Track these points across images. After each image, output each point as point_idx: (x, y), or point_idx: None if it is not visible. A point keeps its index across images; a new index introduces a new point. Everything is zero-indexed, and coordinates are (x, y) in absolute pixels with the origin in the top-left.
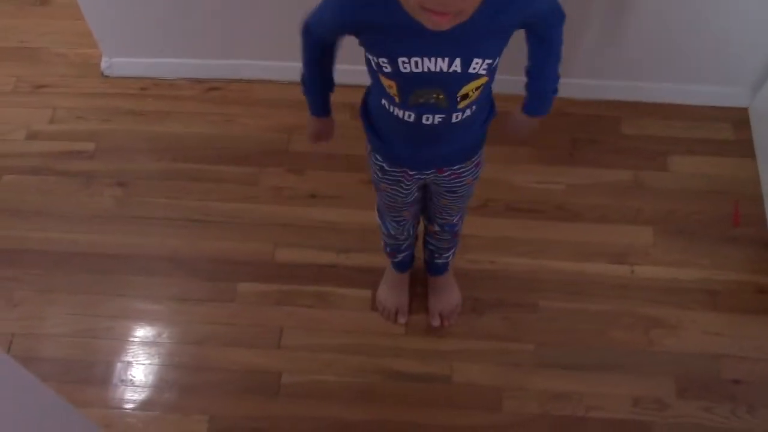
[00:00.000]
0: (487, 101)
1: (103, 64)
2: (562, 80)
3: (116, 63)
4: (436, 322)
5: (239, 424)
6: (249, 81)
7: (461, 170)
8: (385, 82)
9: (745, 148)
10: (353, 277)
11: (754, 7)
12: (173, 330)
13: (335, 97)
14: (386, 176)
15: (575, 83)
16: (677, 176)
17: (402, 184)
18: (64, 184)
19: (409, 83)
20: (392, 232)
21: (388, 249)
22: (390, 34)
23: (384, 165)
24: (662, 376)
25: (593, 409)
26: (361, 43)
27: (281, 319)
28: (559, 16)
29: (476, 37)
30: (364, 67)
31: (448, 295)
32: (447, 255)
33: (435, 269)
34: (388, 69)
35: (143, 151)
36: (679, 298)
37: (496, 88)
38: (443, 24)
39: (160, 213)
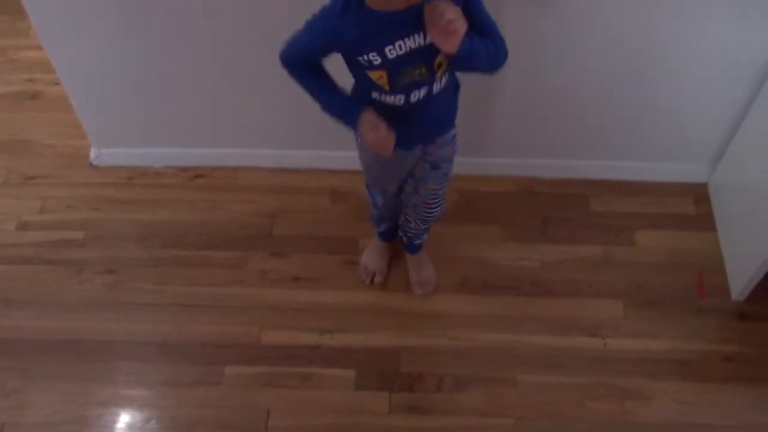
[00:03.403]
0: (452, 72)
1: (92, 155)
2: (533, 161)
3: (104, 153)
4: (419, 291)
5: None
6: (233, 168)
7: (442, 142)
8: (374, 74)
9: (706, 221)
10: (337, 357)
11: (707, 88)
12: (162, 415)
13: (312, 182)
14: (378, 160)
15: (544, 163)
16: (644, 250)
17: (391, 165)
18: (55, 272)
19: (397, 66)
20: (378, 203)
21: (374, 218)
22: (372, 34)
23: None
24: None
25: None
26: (349, 53)
27: (268, 401)
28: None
29: None
30: (342, 153)
31: (425, 268)
32: (423, 236)
33: (414, 249)
34: (378, 61)
35: (132, 238)
36: (650, 368)
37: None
38: None
39: (149, 299)
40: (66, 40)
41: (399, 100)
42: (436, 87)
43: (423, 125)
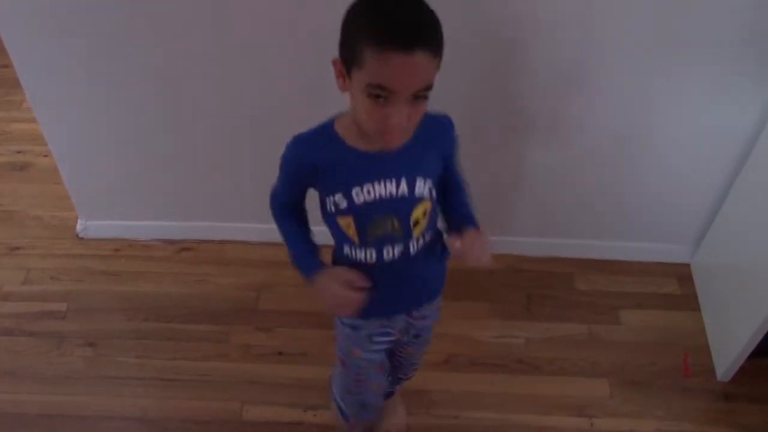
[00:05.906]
0: (437, 234)
1: (79, 227)
2: (518, 239)
3: (91, 225)
4: None
5: None
6: (220, 241)
7: (425, 313)
8: (343, 222)
9: (690, 301)
10: None
11: (689, 170)
12: None
13: None
14: (358, 334)
15: (530, 242)
16: (628, 329)
17: (373, 339)
18: (34, 344)
19: (365, 214)
20: (369, 402)
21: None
22: (340, 170)
23: (355, 322)
24: None
25: None
26: (319, 188)
27: None
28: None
29: (416, 159)
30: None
31: (396, 414)
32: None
33: (387, 396)
34: (343, 205)
35: (115, 311)
36: None
37: None
38: (395, 141)
39: (130, 372)
40: (58, 113)
41: (370, 256)
42: (413, 247)
43: (407, 289)
